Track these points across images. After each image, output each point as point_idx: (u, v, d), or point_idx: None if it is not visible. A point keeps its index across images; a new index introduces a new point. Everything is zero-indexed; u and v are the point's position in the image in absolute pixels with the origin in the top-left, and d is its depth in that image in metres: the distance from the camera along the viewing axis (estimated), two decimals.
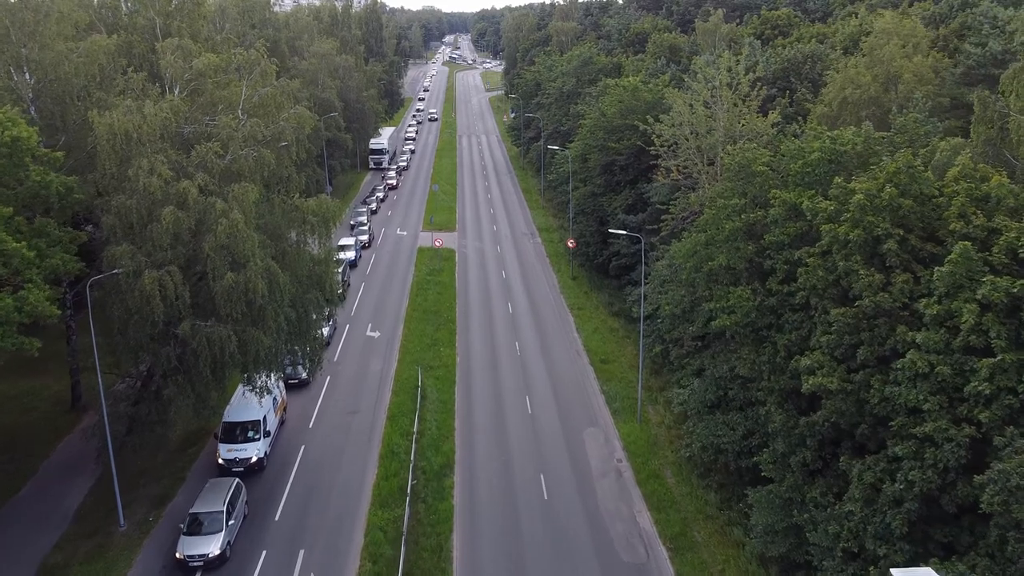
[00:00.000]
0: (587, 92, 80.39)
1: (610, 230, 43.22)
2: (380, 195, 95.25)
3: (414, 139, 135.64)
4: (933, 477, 22.28)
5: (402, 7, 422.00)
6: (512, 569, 30.82)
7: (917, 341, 23.15)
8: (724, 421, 34.34)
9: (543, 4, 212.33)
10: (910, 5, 73.96)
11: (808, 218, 29.09)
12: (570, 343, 52.52)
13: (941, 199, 26.29)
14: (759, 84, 41.53)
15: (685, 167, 42.40)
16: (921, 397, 22.72)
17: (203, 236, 31.36)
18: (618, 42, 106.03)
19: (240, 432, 37.29)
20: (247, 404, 37.59)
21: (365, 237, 75.53)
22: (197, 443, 39.36)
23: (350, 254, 68.06)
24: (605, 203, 61.18)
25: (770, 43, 71.51)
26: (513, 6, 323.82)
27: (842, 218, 26.87)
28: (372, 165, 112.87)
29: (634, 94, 59.96)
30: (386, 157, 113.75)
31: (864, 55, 43.48)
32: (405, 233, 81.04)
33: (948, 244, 25.27)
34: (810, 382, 25.74)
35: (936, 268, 23.27)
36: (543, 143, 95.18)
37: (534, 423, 41.86)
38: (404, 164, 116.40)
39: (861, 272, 25.43)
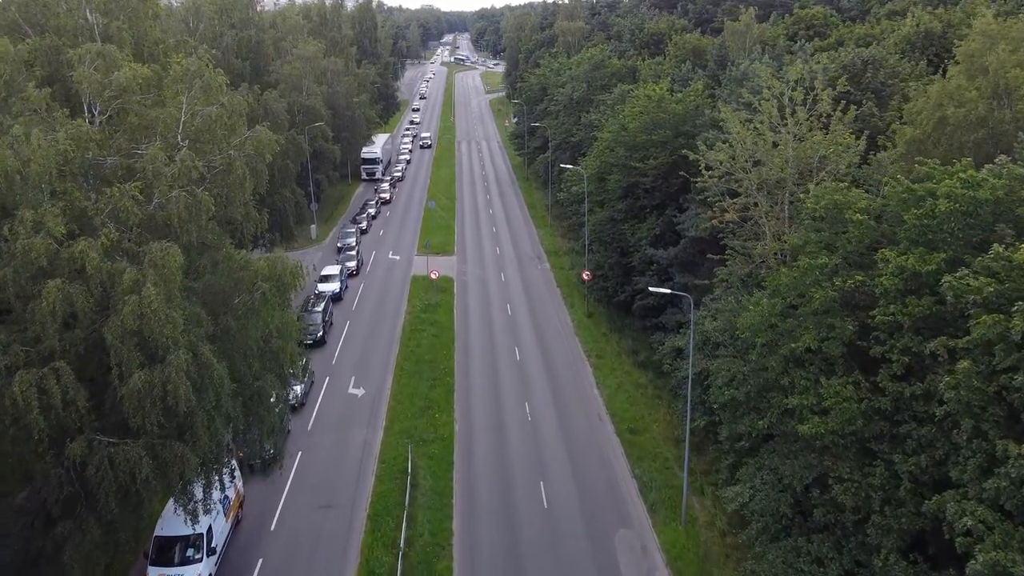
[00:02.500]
0: (600, 99, 72.07)
1: (650, 288, 34.51)
2: (372, 211, 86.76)
3: (410, 150, 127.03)
4: None
5: (400, 6, 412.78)
6: None
7: None
8: (808, 551, 25.98)
9: (545, 2, 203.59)
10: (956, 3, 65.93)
11: (949, 299, 20.80)
12: (590, 404, 44.12)
13: None
14: (843, 102, 32.89)
15: (744, 207, 33.68)
16: None
17: (110, 315, 22.97)
18: (631, 43, 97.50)
19: (177, 550, 29.03)
20: None
21: (353, 263, 67.04)
22: (127, 553, 30.97)
23: (334, 286, 59.82)
24: (627, 231, 52.88)
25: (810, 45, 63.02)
26: (513, 5, 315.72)
27: (1014, 309, 18.57)
28: (364, 176, 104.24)
29: (660, 105, 51.73)
30: (379, 167, 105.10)
31: (959, 63, 35.06)
32: (398, 257, 72.57)
33: None
34: (980, 560, 17.36)
35: None
36: (550, 154, 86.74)
37: (552, 523, 33.48)
38: (399, 175, 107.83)
39: None
